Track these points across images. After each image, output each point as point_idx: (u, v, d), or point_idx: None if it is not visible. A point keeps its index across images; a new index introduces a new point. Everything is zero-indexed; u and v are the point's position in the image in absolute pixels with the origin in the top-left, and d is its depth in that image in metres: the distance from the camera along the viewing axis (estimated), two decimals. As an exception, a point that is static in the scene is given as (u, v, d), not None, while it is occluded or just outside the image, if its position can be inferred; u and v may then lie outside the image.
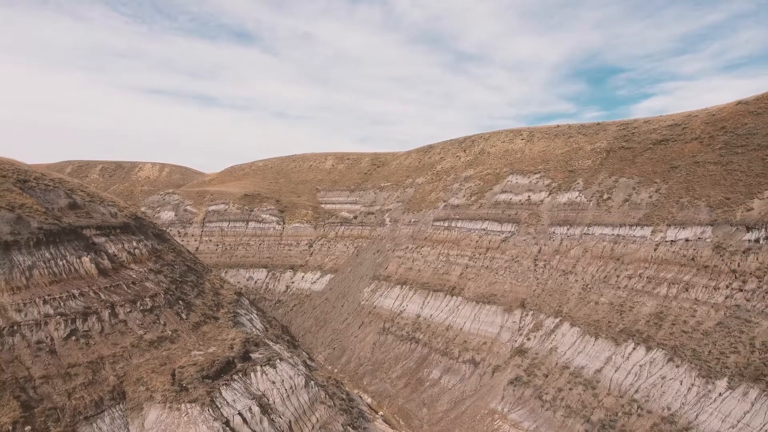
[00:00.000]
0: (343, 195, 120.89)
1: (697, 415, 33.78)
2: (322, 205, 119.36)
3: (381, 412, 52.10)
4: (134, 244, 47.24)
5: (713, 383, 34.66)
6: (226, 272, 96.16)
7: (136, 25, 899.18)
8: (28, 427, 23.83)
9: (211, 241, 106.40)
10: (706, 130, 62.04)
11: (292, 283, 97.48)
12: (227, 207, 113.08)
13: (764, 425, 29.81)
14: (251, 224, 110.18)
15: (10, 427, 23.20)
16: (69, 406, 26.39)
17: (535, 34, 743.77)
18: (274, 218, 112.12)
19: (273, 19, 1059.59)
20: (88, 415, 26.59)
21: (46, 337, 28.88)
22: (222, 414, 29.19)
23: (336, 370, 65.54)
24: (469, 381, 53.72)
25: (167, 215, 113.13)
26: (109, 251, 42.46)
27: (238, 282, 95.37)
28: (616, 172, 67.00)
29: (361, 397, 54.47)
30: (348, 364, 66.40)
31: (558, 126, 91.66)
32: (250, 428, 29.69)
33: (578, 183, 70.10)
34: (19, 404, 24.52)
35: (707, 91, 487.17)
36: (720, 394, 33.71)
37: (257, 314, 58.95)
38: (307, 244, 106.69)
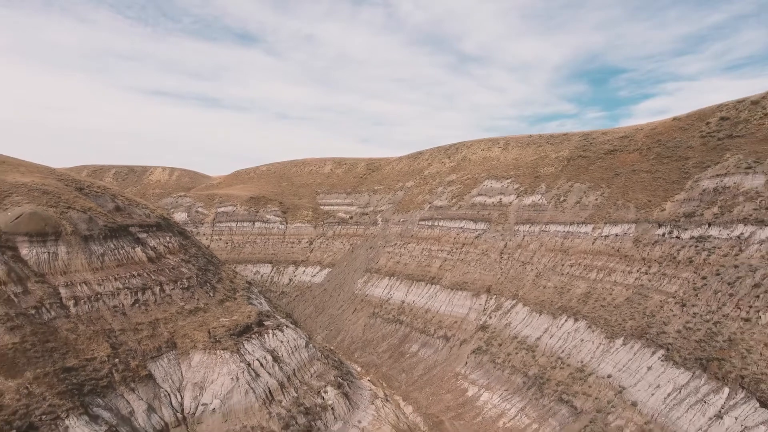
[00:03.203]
0: (341, 197, 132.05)
1: (599, 364, 44.89)
2: (321, 207, 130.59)
3: (368, 378, 63.14)
4: (167, 239, 58.42)
5: (613, 341, 45.77)
6: (235, 267, 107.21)
7: (140, 27, 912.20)
8: (116, 360, 35.04)
9: (221, 239, 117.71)
10: (646, 143, 72.99)
11: (295, 276, 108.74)
12: (235, 208, 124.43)
13: (638, 367, 40.86)
14: (257, 224, 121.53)
15: (106, 358, 34.38)
16: (139, 349, 37.60)
17: (537, 35, 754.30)
18: (277, 219, 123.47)
19: (276, 21, 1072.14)
20: (152, 356, 37.78)
21: (119, 304, 40.09)
22: (245, 359, 40.40)
23: (332, 347, 76.69)
24: (441, 352, 64.85)
25: (180, 216, 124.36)
26: (150, 244, 53.61)
27: (246, 276, 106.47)
28: (573, 178, 78.01)
29: (351, 366, 65.54)
30: (342, 342, 77.64)
31: (530, 136, 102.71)
32: (265, 370, 40.90)
33: (541, 187, 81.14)
34: (108, 345, 35.72)
35: (708, 91, 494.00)
36: (617, 349, 44.81)
37: (265, 299, 70.09)
38: (307, 241, 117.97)
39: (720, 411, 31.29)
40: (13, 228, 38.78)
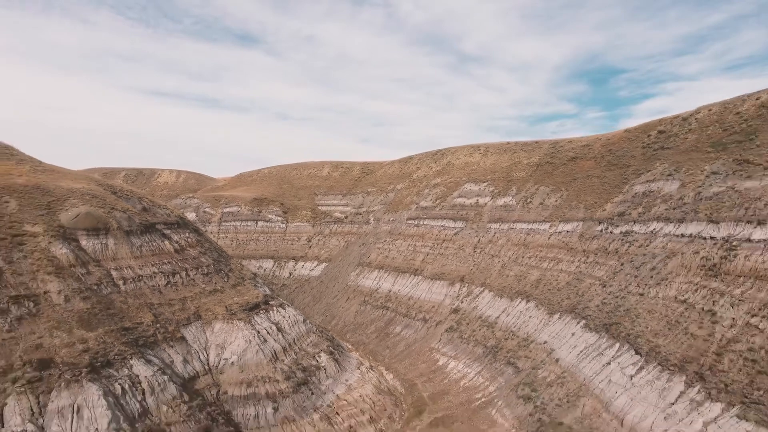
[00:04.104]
0: (337, 198, 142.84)
1: (539, 334, 55.65)
2: (319, 207, 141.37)
3: (357, 353, 73.86)
4: (186, 235, 69.12)
5: (552, 316, 56.52)
6: (240, 263, 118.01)
7: (141, 27, 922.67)
8: (158, 325, 45.77)
9: (227, 237, 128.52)
10: (601, 152, 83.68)
11: (294, 270, 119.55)
12: (240, 209, 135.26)
13: (565, 334, 51.61)
14: (260, 223, 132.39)
15: (150, 323, 45.10)
16: (174, 318, 48.33)
17: (537, 35, 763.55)
18: (278, 218, 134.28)
19: (276, 21, 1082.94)
20: (184, 324, 48.51)
21: (156, 284, 50.81)
22: (255, 328, 51.13)
23: (327, 329, 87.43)
24: (420, 332, 75.60)
25: (189, 216, 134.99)
26: (174, 239, 64.31)
27: (250, 270, 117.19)
28: (539, 182, 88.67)
29: (343, 343, 76.26)
30: (336, 326, 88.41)
31: (507, 143, 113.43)
32: (271, 337, 51.65)
33: (513, 190, 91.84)
34: (151, 314, 46.44)
35: (708, 91, 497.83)
36: (553, 322, 55.56)
37: (268, 288, 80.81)
38: (306, 239, 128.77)
39: (610, 360, 42.05)
40: (73, 224, 49.52)
